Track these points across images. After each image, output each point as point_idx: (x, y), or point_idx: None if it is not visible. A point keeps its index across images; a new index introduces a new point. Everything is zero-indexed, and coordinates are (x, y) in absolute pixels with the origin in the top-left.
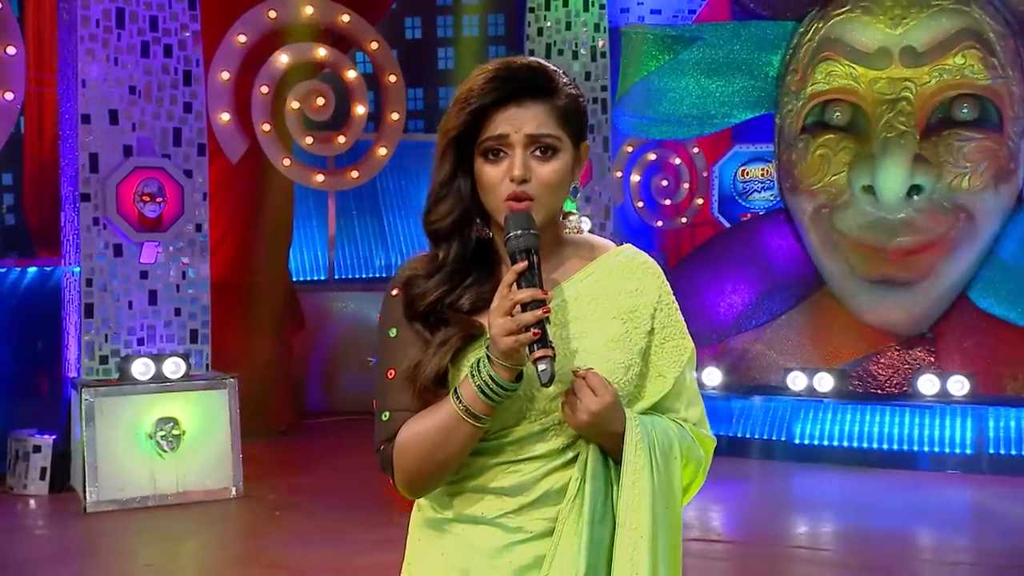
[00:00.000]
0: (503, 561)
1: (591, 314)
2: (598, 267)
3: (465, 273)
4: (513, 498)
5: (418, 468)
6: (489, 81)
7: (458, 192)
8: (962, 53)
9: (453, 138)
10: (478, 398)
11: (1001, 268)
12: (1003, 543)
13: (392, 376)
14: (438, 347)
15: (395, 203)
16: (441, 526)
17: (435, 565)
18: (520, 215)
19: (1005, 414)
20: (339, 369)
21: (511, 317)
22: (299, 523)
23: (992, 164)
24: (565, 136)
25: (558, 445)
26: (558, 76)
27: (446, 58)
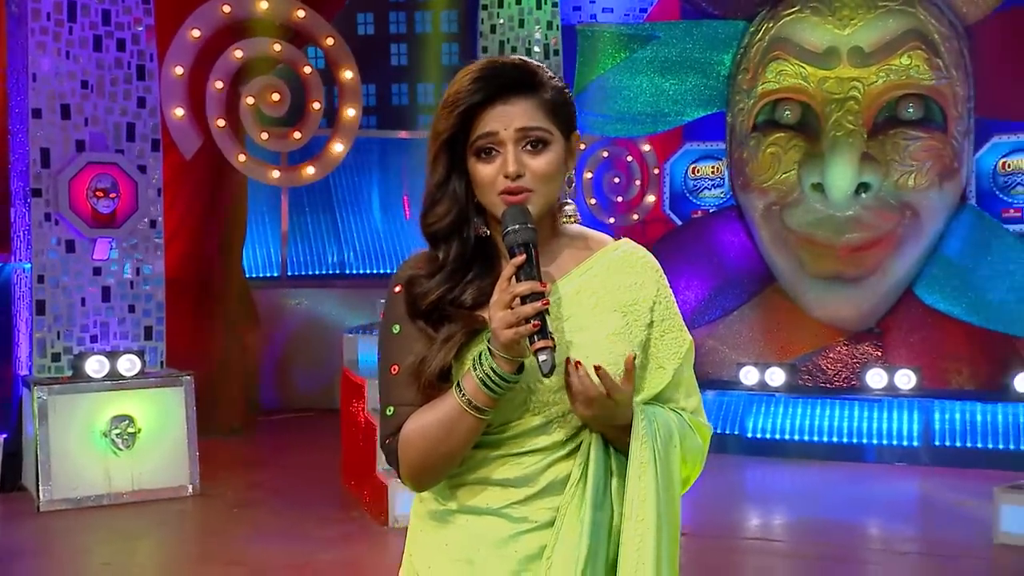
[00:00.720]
0: (509, 551)
1: (592, 307)
2: (597, 261)
3: (466, 270)
4: (519, 489)
5: (423, 461)
6: (475, 81)
7: (453, 193)
8: (908, 54)
9: (444, 141)
10: (480, 391)
11: (945, 264)
12: (949, 533)
13: (396, 372)
14: (442, 343)
15: (348, 199)
16: (445, 517)
17: (438, 556)
18: (516, 209)
19: (950, 407)
20: (292, 366)
21: (511, 310)
22: (258, 520)
23: (937, 163)
24: (555, 128)
25: (561, 437)
26: (542, 71)
27: (399, 54)
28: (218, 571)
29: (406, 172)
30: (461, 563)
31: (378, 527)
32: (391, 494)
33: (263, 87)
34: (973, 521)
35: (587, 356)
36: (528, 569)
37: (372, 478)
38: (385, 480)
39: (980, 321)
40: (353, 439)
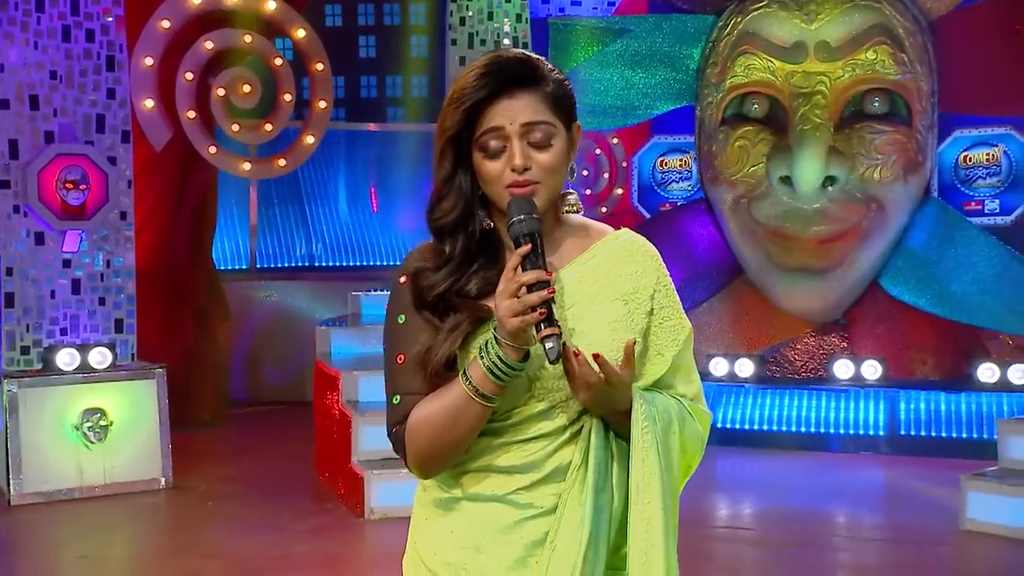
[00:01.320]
0: (515, 537)
1: (595, 296)
2: (599, 250)
3: (471, 262)
4: (524, 475)
5: (429, 448)
6: (479, 77)
7: (459, 188)
8: (873, 48)
9: (451, 137)
10: (487, 378)
11: (910, 257)
12: (916, 520)
13: (402, 361)
14: (448, 332)
15: (316, 192)
16: (450, 505)
17: (444, 543)
18: (522, 201)
19: (915, 397)
20: (262, 358)
21: (517, 299)
22: (233, 513)
23: (902, 156)
24: (557, 120)
25: (564, 422)
26: (543, 64)
27: (367, 46)
28: (196, 564)
29: (374, 164)
30: (468, 550)
31: (354, 519)
32: (367, 486)
33: (234, 79)
34: (940, 508)
35: (590, 343)
36: (533, 554)
37: (347, 470)
38: (361, 472)
39: (944, 312)
40: (327, 431)
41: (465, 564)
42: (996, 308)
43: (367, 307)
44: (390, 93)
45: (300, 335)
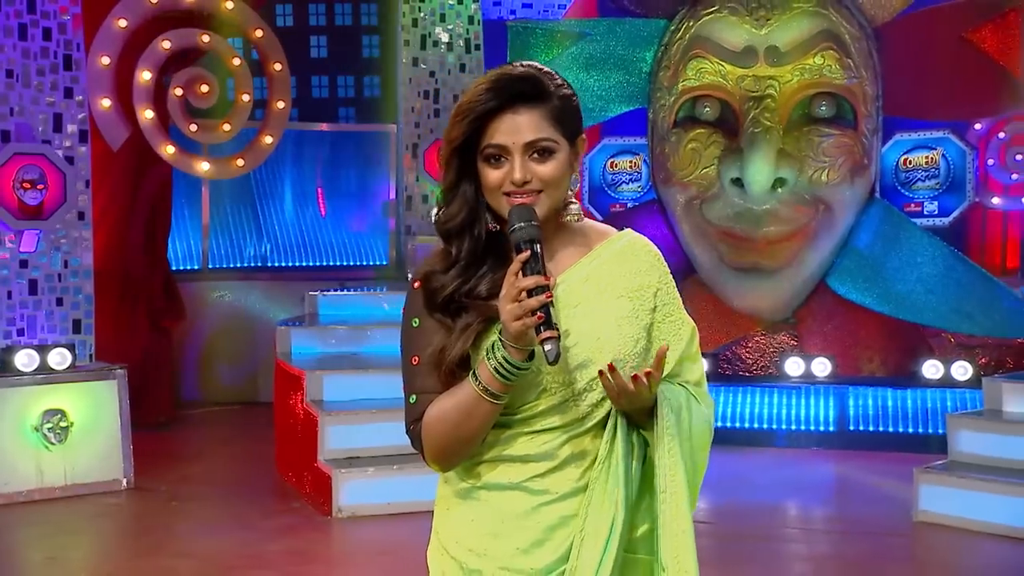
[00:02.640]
0: (531, 522)
1: (602, 294)
2: (603, 250)
3: (479, 264)
4: (539, 463)
5: (444, 444)
6: (486, 92)
7: (464, 195)
8: (821, 54)
9: (456, 147)
10: (494, 378)
11: (856, 257)
12: (870, 512)
13: (416, 362)
14: (460, 332)
15: (268, 192)
16: (469, 494)
17: (465, 531)
18: (523, 209)
19: (863, 393)
20: (215, 359)
21: (518, 303)
22: (199, 513)
23: (848, 159)
24: (560, 136)
25: (577, 415)
26: (549, 80)
27: (319, 46)
28: (169, 563)
29: (325, 165)
30: (487, 536)
31: (321, 517)
32: (335, 484)
33: (191, 78)
34: (892, 501)
35: (598, 338)
36: (551, 538)
37: (313, 469)
38: (328, 471)
39: (890, 311)
40: (290, 431)
41: (485, 549)
42: (940, 307)
43: (324, 307)
44: (342, 93)
45: (253, 335)
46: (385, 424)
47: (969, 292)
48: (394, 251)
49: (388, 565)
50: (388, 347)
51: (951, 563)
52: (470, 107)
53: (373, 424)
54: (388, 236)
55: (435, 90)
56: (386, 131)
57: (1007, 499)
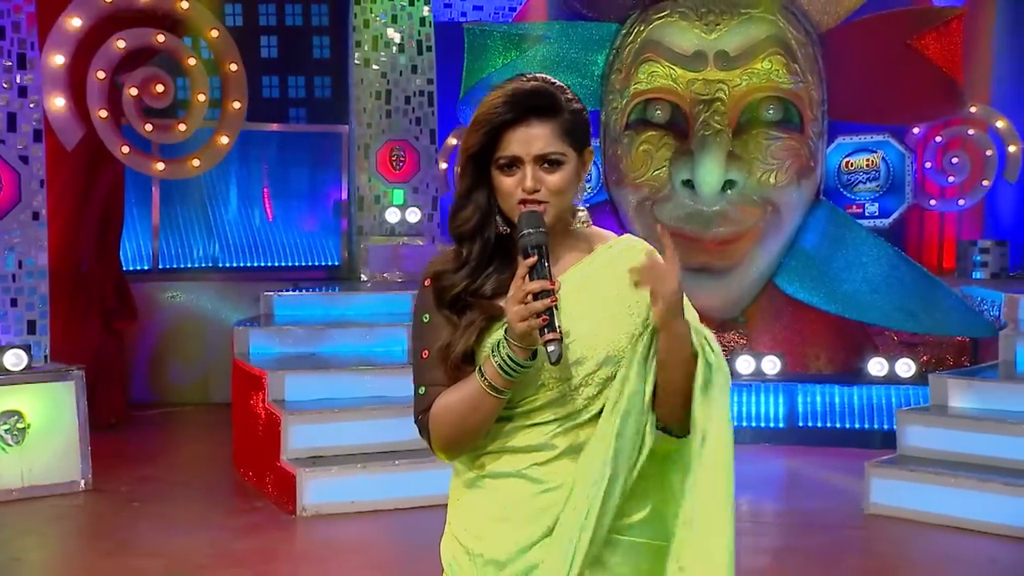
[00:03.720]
0: (531, 507)
1: (598, 293)
2: (600, 255)
3: (487, 264)
4: (540, 453)
5: (451, 434)
6: (503, 104)
7: (477, 201)
8: (768, 58)
9: (472, 155)
10: (499, 375)
11: (803, 257)
12: (822, 505)
13: (426, 356)
14: (465, 328)
15: (219, 192)
16: (476, 483)
17: (472, 518)
18: (531, 216)
19: (812, 390)
20: (166, 360)
21: (524, 305)
22: (161, 513)
23: (795, 162)
24: (569, 148)
25: (575, 408)
26: (561, 95)
27: (269, 47)
28: (137, 563)
29: (276, 165)
30: (493, 521)
31: (286, 516)
32: (299, 483)
33: (146, 78)
34: (843, 494)
35: (596, 334)
36: (541, 520)
37: (276, 468)
38: (292, 470)
39: (836, 310)
40: (250, 430)
41: (488, 533)
42: (884, 306)
43: (280, 307)
44: (292, 94)
45: (205, 336)
46: (348, 423)
47: (912, 291)
48: (346, 252)
49: (355, 562)
50: (347, 347)
51: (903, 554)
52: (487, 118)
53: (336, 423)
54: (340, 237)
55: (387, 91)
56: (338, 132)
57: (955, 491)
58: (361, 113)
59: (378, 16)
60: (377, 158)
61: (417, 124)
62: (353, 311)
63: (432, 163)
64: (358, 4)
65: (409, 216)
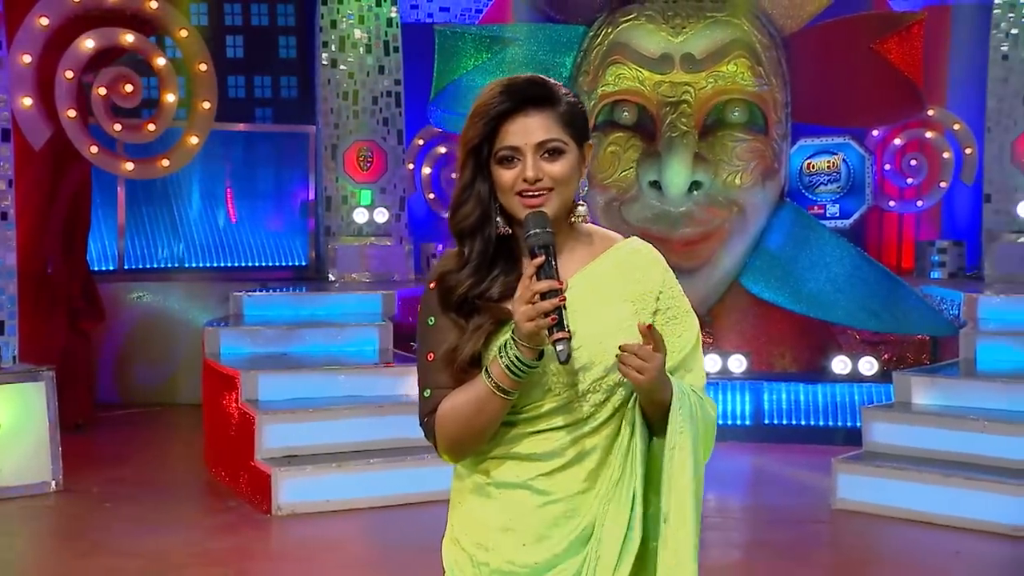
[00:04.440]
0: (536, 519)
1: (605, 298)
2: (608, 257)
3: (491, 266)
4: (545, 462)
5: (456, 436)
6: (500, 95)
7: (478, 195)
8: (734, 61)
9: (472, 148)
10: (506, 375)
11: (768, 257)
12: (784, 500)
13: (432, 359)
14: (472, 332)
15: (184, 192)
16: (480, 490)
17: (475, 525)
18: (538, 216)
19: (777, 388)
20: (132, 361)
21: (532, 305)
22: (134, 513)
23: (760, 163)
24: (569, 138)
25: (582, 415)
26: (557, 87)
27: (235, 46)
28: (114, 562)
29: (242, 165)
30: (496, 531)
31: (261, 515)
32: (274, 483)
33: (115, 77)
34: (811, 490)
35: (601, 342)
36: (551, 535)
37: (250, 468)
38: (266, 469)
39: (800, 309)
40: (222, 430)
41: (493, 544)
42: (847, 305)
43: (250, 307)
44: (259, 93)
45: (172, 336)
46: (322, 423)
47: (875, 291)
48: (313, 252)
49: (332, 560)
50: (318, 347)
51: (870, 547)
52: (485, 109)
53: (310, 423)
54: (307, 237)
55: (354, 91)
56: (304, 132)
57: (919, 486)
58: (328, 113)
59: (345, 17)
60: (344, 158)
61: (384, 125)
62: (323, 311)
63: (400, 164)
64: (325, 4)
65: (377, 216)
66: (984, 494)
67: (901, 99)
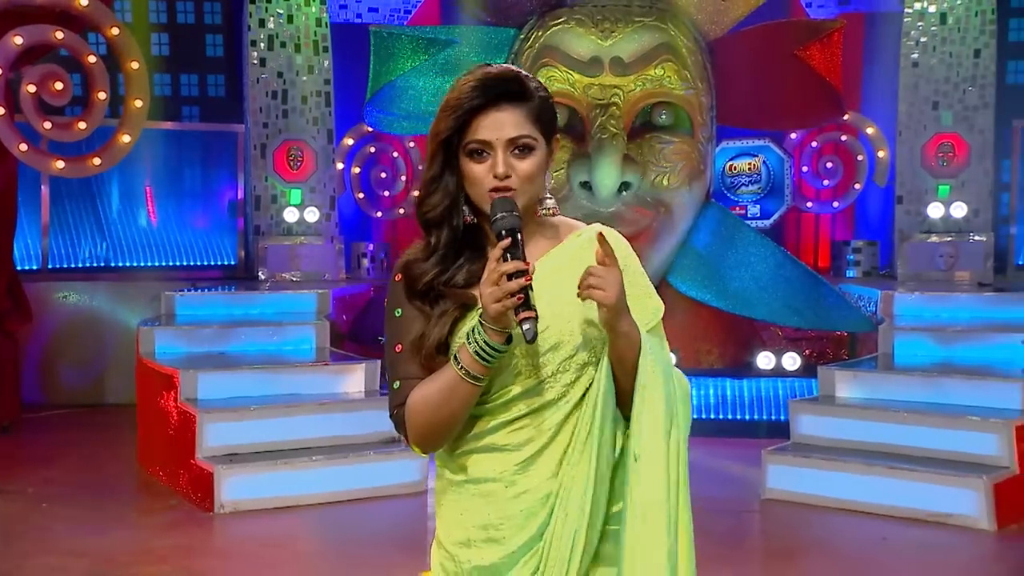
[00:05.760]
0: (512, 510)
1: (570, 280)
2: (570, 243)
3: (457, 255)
4: (519, 451)
5: (427, 426)
6: (473, 89)
7: (446, 186)
8: (661, 65)
9: (443, 140)
10: (475, 360)
11: (695, 256)
12: (714, 491)
13: (400, 350)
14: (438, 318)
15: (109, 190)
16: (458, 489)
17: (455, 525)
18: (505, 200)
19: (705, 383)
20: (58, 361)
21: (498, 286)
22: (74, 514)
23: (687, 165)
24: (539, 134)
25: (553, 395)
26: (529, 82)
27: (160, 44)
28: (58, 562)
29: (166, 163)
30: (476, 528)
31: (203, 513)
32: (217, 481)
33: (45, 75)
34: (740, 481)
35: (568, 322)
36: (526, 526)
37: (191, 466)
38: (209, 468)
39: (726, 307)
40: (159, 429)
41: (473, 540)
42: (771, 302)
43: (182, 307)
44: (185, 92)
45: (99, 336)
46: (262, 421)
47: (797, 289)
48: (242, 251)
49: (277, 555)
50: (254, 346)
51: (799, 535)
52: (457, 103)
53: (251, 421)
54: (236, 236)
55: (283, 91)
56: (232, 131)
57: (844, 476)
58: (257, 112)
59: (274, 15)
60: (274, 158)
61: (314, 124)
62: (257, 310)
63: (329, 163)
64: (253, 3)
65: (307, 216)
66: (905, 482)
67: (823, 103)
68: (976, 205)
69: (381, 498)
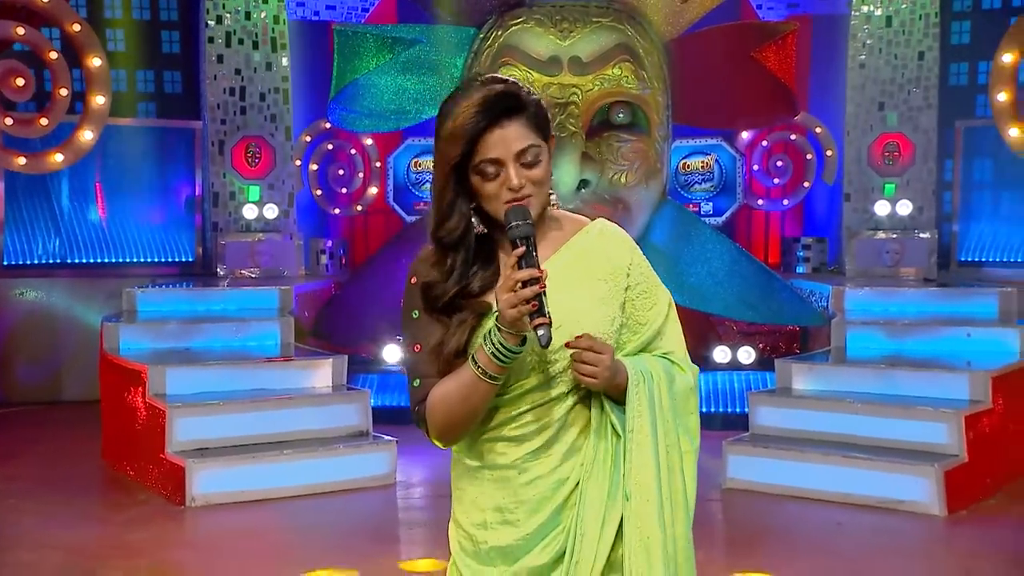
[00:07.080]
0: (527, 495)
1: (580, 278)
2: (579, 240)
3: (471, 267)
4: (532, 441)
5: (448, 422)
6: (476, 113)
7: (461, 210)
8: (619, 65)
9: (454, 166)
10: (492, 361)
11: (653, 252)
12: None
13: (419, 350)
14: (456, 327)
15: (65, 186)
16: (474, 475)
17: (472, 508)
18: (519, 209)
19: None
20: (14, 358)
21: (514, 293)
22: (43, 509)
23: (644, 163)
24: (540, 139)
25: (563, 389)
26: (522, 91)
27: (115, 39)
28: (31, 556)
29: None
30: (490, 512)
31: (174, 507)
32: (189, 475)
33: (6, 71)
34: (701, 471)
35: (579, 319)
36: (541, 509)
37: (161, 461)
38: (180, 462)
39: (683, 302)
40: (126, 425)
41: (489, 523)
42: (727, 297)
43: (143, 303)
44: (141, 88)
45: (56, 333)
46: (231, 416)
47: (752, 284)
48: (200, 248)
49: (250, 547)
50: (219, 341)
51: (760, 523)
52: (464, 129)
53: (219, 415)
54: (193, 232)
55: (241, 87)
56: (190, 127)
57: (802, 465)
58: (215, 109)
59: (231, 12)
60: (232, 154)
61: (272, 121)
62: (219, 306)
63: (288, 160)
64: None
65: (266, 212)
66: (859, 471)
67: (778, 104)
68: (920, 203)
69: (351, 491)
